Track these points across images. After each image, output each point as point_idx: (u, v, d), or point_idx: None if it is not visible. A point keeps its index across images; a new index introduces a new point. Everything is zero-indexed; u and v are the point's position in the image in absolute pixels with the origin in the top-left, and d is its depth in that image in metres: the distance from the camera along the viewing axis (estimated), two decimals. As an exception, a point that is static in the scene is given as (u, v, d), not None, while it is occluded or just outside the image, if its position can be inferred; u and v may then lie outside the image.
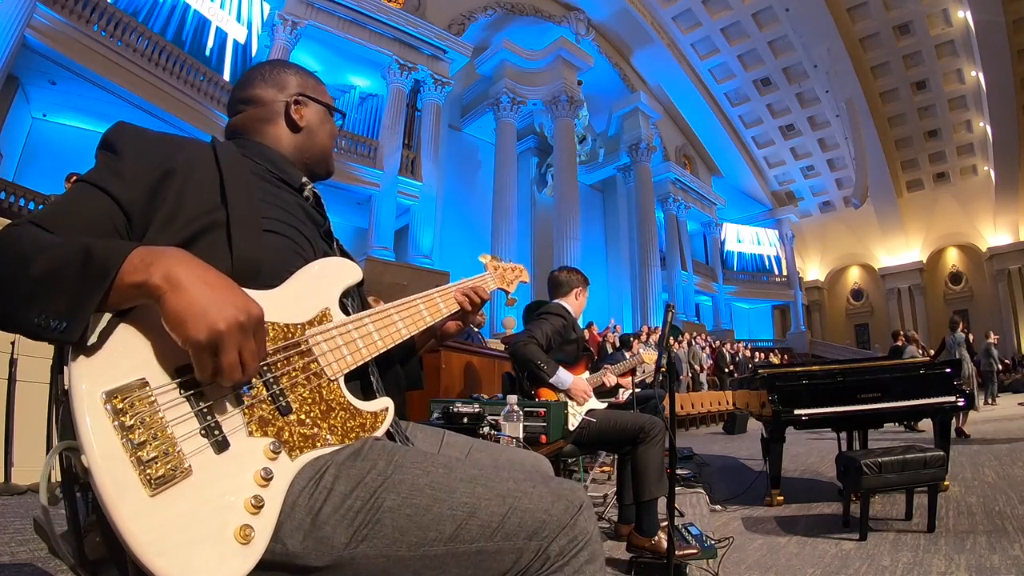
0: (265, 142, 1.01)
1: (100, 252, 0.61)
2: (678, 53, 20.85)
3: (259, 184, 0.90)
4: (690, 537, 2.17)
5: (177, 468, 0.58)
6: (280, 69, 1.08)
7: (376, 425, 0.80)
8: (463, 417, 1.84)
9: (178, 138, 0.86)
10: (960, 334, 7.32)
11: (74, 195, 0.75)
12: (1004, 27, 16.70)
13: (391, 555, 0.66)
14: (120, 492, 0.55)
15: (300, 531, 0.65)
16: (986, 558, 2.16)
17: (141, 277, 0.60)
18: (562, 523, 0.70)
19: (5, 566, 1.82)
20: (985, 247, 22.28)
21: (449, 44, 14.10)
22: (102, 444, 0.56)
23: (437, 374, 3.70)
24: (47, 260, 0.61)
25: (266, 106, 1.03)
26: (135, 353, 0.62)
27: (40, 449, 2.98)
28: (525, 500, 0.70)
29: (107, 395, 0.58)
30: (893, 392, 3.18)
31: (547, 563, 0.69)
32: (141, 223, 0.76)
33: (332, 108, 1.10)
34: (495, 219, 14.45)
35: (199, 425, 0.62)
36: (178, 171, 0.80)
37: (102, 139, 0.81)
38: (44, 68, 8.57)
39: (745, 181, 25.01)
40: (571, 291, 2.77)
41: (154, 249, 0.63)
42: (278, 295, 0.78)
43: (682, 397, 9.70)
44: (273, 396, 0.70)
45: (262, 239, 0.82)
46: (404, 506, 0.67)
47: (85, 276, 0.60)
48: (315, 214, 1.00)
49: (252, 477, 0.63)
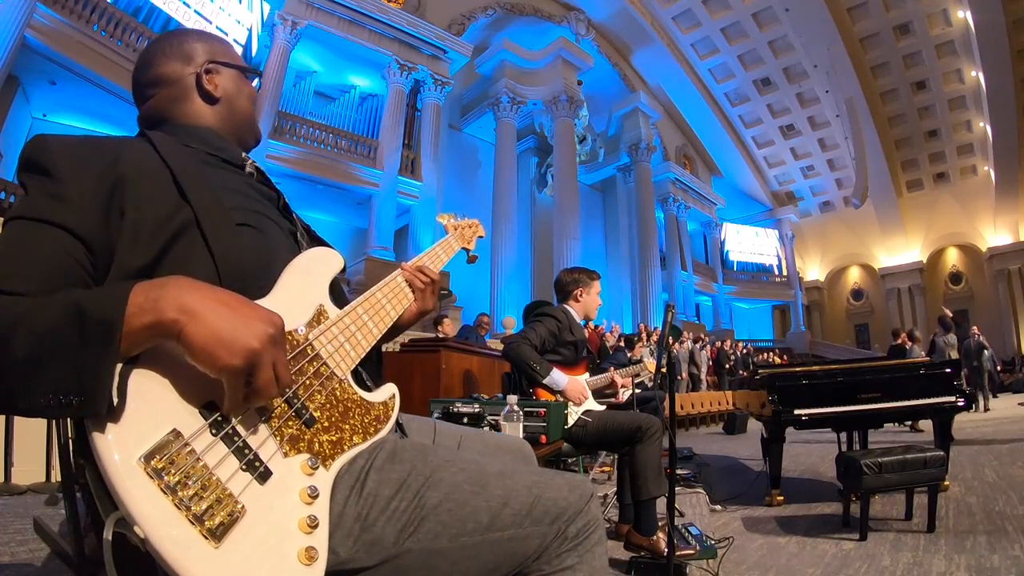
0: (189, 122, 0.91)
1: (93, 305, 0.55)
2: (678, 53, 20.84)
3: (207, 172, 0.83)
4: (690, 537, 2.17)
5: (233, 512, 0.57)
6: (181, 39, 0.96)
7: (389, 414, 0.80)
8: (463, 417, 1.85)
9: (109, 140, 0.77)
10: (952, 336, 7.25)
11: (16, 238, 0.64)
12: (1004, 27, 16.69)
13: (433, 548, 0.71)
14: (186, 554, 0.52)
15: (351, 538, 0.68)
16: (986, 558, 2.16)
17: (152, 317, 0.55)
18: (578, 508, 0.78)
19: (5, 566, 1.82)
20: (985, 247, 22.26)
21: (449, 44, 14.09)
22: (153, 510, 0.53)
23: (437, 374, 3.70)
24: (29, 335, 0.53)
25: (176, 83, 0.92)
26: (157, 401, 0.58)
27: (40, 449, 2.99)
28: (548, 490, 0.77)
29: (145, 459, 0.54)
30: (893, 392, 3.18)
31: (565, 543, 0.77)
32: (103, 248, 0.67)
33: (246, 69, 1.00)
34: (495, 219, 14.43)
35: (239, 462, 0.60)
36: (127, 177, 0.71)
37: (25, 160, 0.69)
38: (44, 68, 8.58)
39: (745, 181, 25.01)
40: (571, 294, 2.76)
41: (152, 283, 0.58)
42: (273, 300, 0.74)
43: (682, 397, 9.70)
44: (297, 411, 0.68)
45: (238, 235, 0.77)
46: (445, 501, 0.72)
47: (86, 339, 0.53)
48: (266, 190, 0.94)
49: (299, 497, 0.63)
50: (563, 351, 2.62)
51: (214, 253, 0.73)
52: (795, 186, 25.18)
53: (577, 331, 2.70)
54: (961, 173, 22.30)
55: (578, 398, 2.45)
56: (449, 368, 3.88)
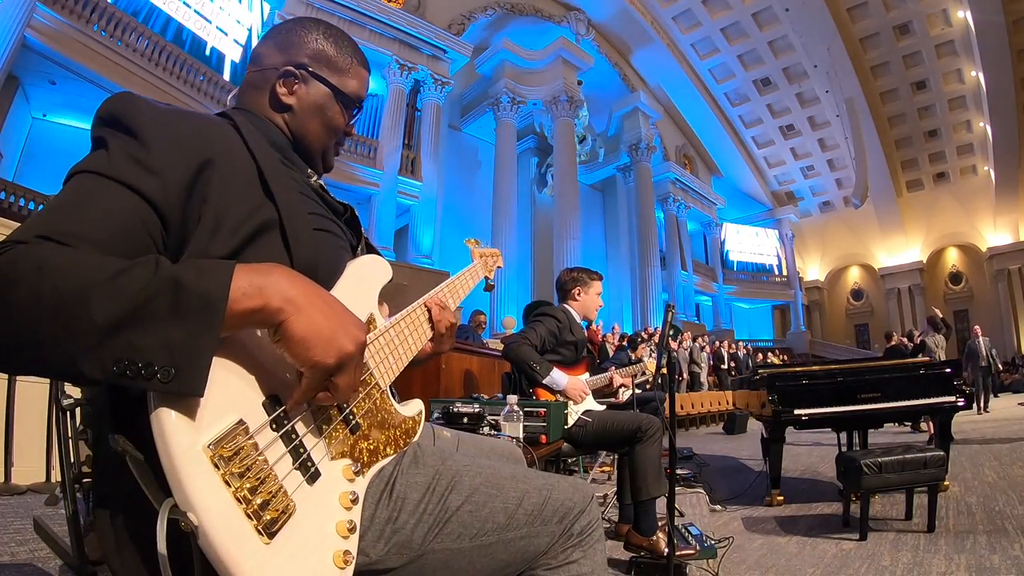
0: (264, 115, 0.85)
1: (194, 279, 0.52)
2: (678, 53, 20.84)
3: (286, 173, 0.79)
4: (690, 537, 2.17)
5: (287, 509, 0.57)
6: (299, 27, 0.87)
7: (416, 429, 0.82)
8: (463, 417, 1.85)
9: (201, 117, 0.72)
10: (940, 337, 7.19)
11: (89, 194, 0.59)
12: (1004, 27, 16.69)
13: (454, 548, 0.74)
14: (239, 547, 0.52)
15: (381, 540, 0.70)
16: (986, 558, 2.16)
17: (258, 303, 0.54)
18: (582, 508, 0.83)
19: (5, 566, 1.82)
20: (985, 247, 22.25)
21: (449, 44, 14.10)
22: (213, 499, 0.51)
23: (437, 374, 3.70)
24: (113, 297, 0.49)
25: (263, 70, 0.85)
26: (225, 389, 0.56)
27: (40, 449, 2.99)
28: (555, 492, 0.82)
29: (214, 445, 0.53)
30: (893, 392, 3.18)
31: (571, 539, 0.82)
32: (179, 229, 0.64)
33: (341, 93, 0.87)
34: (495, 219, 14.44)
35: (294, 461, 0.60)
36: (216, 160, 0.67)
37: (108, 114, 0.63)
38: (44, 68, 8.57)
39: (745, 181, 25.00)
40: (569, 293, 2.77)
41: (254, 268, 0.56)
42: None
43: (682, 397, 9.70)
44: (346, 417, 0.70)
45: (315, 239, 0.76)
46: (467, 503, 0.77)
47: (183, 312, 0.50)
48: (333, 202, 0.91)
49: (339, 501, 0.64)
50: (563, 351, 2.63)
51: (292, 255, 0.72)
52: (795, 186, 25.17)
53: (577, 331, 2.70)
54: (961, 173, 22.28)
55: (578, 398, 2.45)
56: (449, 368, 3.88)
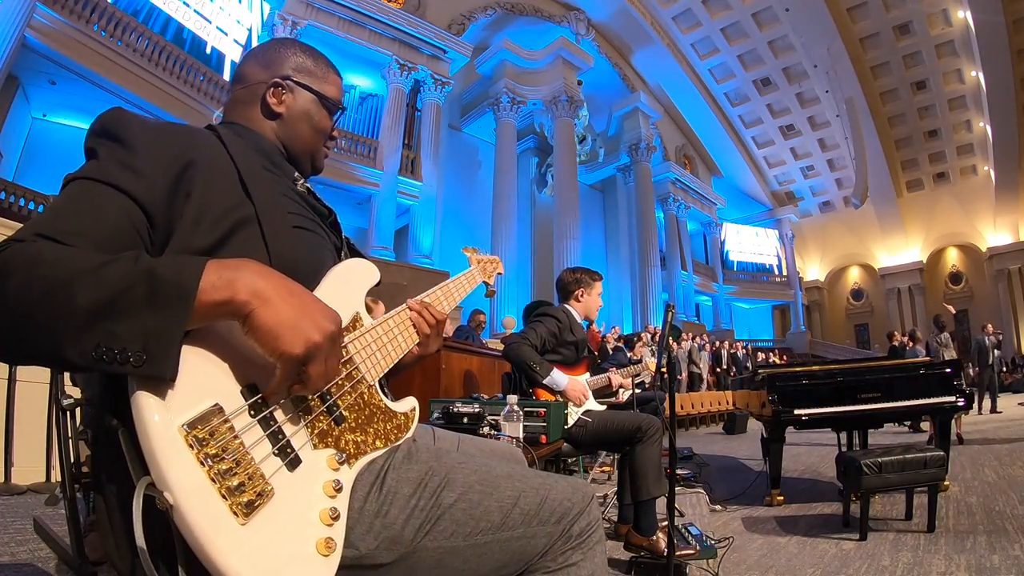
0: (253, 127, 0.92)
1: (168, 272, 0.55)
2: (678, 53, 20.84)
3: (267, 177, 0.84)
4: (690, 537, 2.17)
5: (263, 492, 0.58)
6: (278, 46, 0.96)
7: (408, 425, 0.84)
8: (463, 417, 1.84)
9: (184, 127, 0.78)
10: (945, 335, 7.17)
11: (82, 197, 0.64)
12: (1004, 27, 16.69)
13: (447, 546, 0.73)
14: (213, 525, 0.53)
15: (371, 534, 0.70)
16: (986, 558, 2.16)
17: (225, 295, 0.57)
18: (581, 509, 0.82)
19: (5, 566, 1.82)
20: (985, 247, 22.26)
21: (449, 44, 14.10)
22: (188, 478, 0.53)
23: (437, 374, 3.70)
24: (96, 286, 0.53)
25: (249, 86, 0.93)
26: (202, 375, 0.59)
27: (40, 449, 2.99)
28: (554, 492, 0.81)
29: (188, 426, 0.55)
30: (893, 392, 3.18)
31: (569, 541, 0.80)
32: (163, 224, 0.68)
33: (324, 98, 0.97)
34: (495, 219, 14.44)
35: (272, 446, 0.62)
36: (197, 162, 0.72)
37: (100, 127, 0.70)
38: (44, 68, 8.57)
39: (745, 181, 25.00)
40: (572, 294, 2.77)
41: (224, 263, 0.59)
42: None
43: (682, 397, 9.70)
44: (329, 408, 0.71)
45: (294, 236, 0.80)
46: (460, 501, 0.75)
47: (156, 300, 0.54)
48: (318, 205, 0.95)
49: (323, 489, 0.65)
50: (563, 351, 2.63)
51: (270, 250, 0.75)
52: (795, 186, 25.17)
53: (578, 331, 2.70)
54: (961, 173, 22.29)
55: (578, 398, 2.45)
56: (449, 368, 3.88)
